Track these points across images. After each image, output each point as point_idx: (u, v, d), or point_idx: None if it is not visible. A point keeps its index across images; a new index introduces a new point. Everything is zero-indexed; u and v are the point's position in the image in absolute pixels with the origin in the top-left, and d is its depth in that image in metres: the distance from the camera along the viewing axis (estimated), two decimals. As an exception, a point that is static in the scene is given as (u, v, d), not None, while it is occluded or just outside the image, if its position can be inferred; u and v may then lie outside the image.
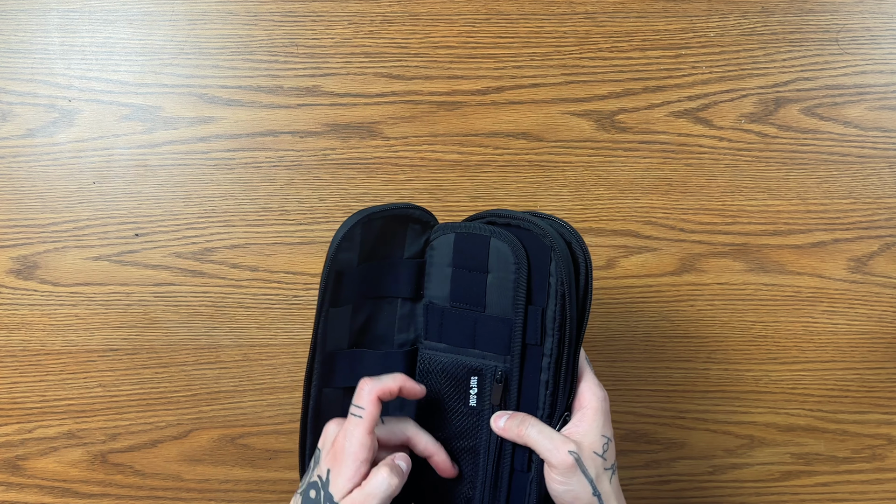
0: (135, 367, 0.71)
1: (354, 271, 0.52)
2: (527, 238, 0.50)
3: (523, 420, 0.50)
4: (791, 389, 0.73)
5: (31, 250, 0.70)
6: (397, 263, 0.53)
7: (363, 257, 0.52)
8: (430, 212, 0.53)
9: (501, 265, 0.50)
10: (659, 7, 0.72)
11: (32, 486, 0.71)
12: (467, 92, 0.71)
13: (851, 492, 0.74)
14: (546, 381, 0.50)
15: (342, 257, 0.51)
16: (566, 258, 0.49)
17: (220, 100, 0.70)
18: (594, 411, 0.49)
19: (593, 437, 0.49)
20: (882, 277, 0.73)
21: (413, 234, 0.53)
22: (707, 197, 0.72)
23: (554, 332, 0.50)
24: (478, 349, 0.52)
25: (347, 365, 0.53)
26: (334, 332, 0.52)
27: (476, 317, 0.51)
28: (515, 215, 0.51)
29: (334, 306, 0.51)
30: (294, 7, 0.70)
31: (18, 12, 0.70)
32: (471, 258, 0.51)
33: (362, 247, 0.51)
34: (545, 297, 0.50)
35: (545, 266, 0.49)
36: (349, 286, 0.52)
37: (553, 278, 0.49)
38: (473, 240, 0.51)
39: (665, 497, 0.73)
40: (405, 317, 0.54)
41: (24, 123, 0.70)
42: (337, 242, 0.50)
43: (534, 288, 0.50)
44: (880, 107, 0.72)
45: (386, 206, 0.52)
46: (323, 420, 0.53)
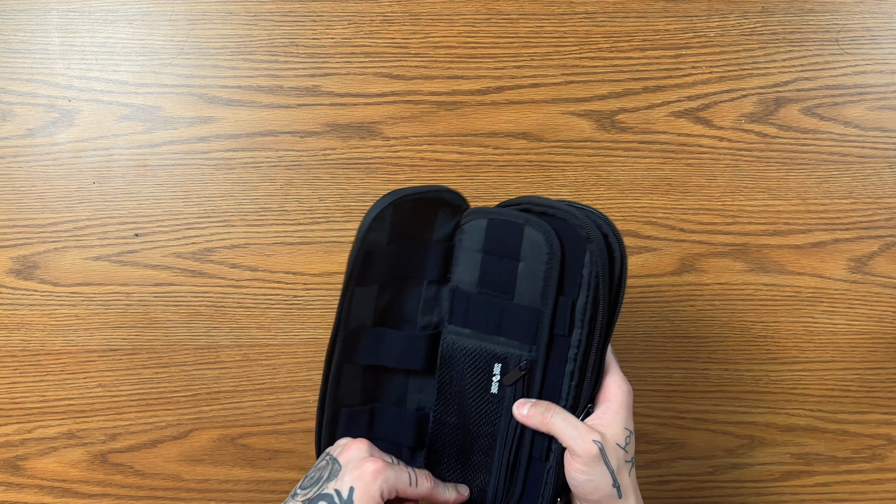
0: (135, 367, 0.71)
1: (384, 251, 0.52)
2: (562, 228, 0.49)
3: (548, 408, 0.50)
4: (791, 389, 0.73)
5: (31, 250, 0.70)
6: (426, 245, 0.53)
7: (392, 237, 0.52)
8: (462, 195, 0.53)
9: (534, 254, 0.50)
10: (659, 7, 0.72)
11: (32, 486, 0.71)
12: (467, 92, 0.71)
13: (851, 492, 0.74)
14: (571, 372, 0.50)
15: (372, 237, 0.51)
16: (602, 250, 0.49)
17: (220, 100, 0.70)
18: (619, 404, 0.50)
19: (617, 428, 0.49)
20: (882, 277, 0.73)
21: (444, 216, 0.53)
22: (707, 197, 0.72)
23: (584, 324, 0.49)
24: (503, 337, 0.51)
25: (370, 342, 0.53)
26: (359, 309, 0.52)
27: (504, 304, 0.51)
28: (552, 204, 0.50)
29: (360, 285, 0.51)
30: (294, 7, 0.70)
31: (18, 12, 0.70)
32: (502, 245, 0.51)
33: (392, 227, 0.51)
34: (577, 288, 0.49)
35: (579, 257, 0.49)
36: (377, 266, 0.52)
37: (586, 269, 0.49)
38: (506, 226, 0.51)
39: (665, 497, 0.73)
40: (430, 299, 0.55)
41: (24, 123, 0.70)
42: (368, 222, 0.50)
43: (566, 279, 0.50)
44: (880, 107, 0.72)
45: (419, 189, 0.52)
46: (342, 397, 0.53)
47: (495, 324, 0.51)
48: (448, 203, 0.53)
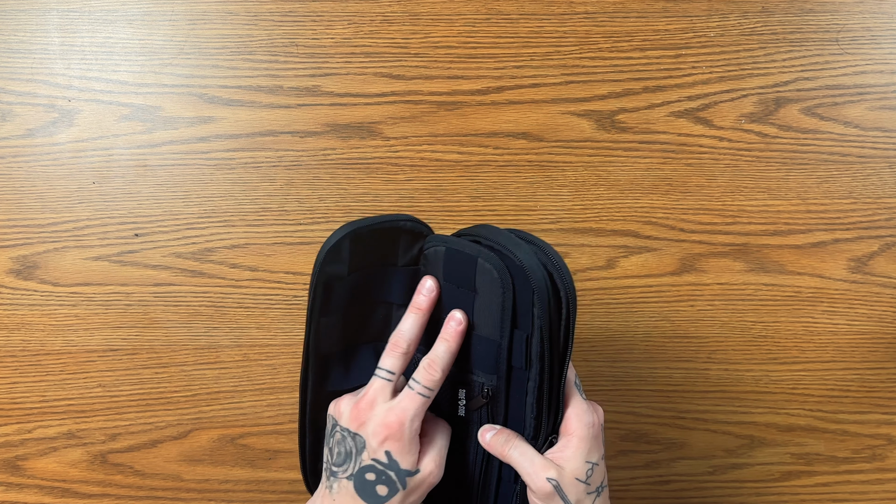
0: (135, 367, 0.71)
1: (345, 281, 0.51)
2: (510, 264, 0.48)
3: (508, 439, 0.50)
4: (791, 389, 0.73)
5: (31, 250, 0.70)
6: (390, 272, 0.53)
7: (353, 267, 0.51)
8: (421, 221, 0.52)
9: (488, 287, 0.49)
10: (659, 7, 0.72)
11: (32, 486, 0.71)
12: (467, 92, 0.71)
13: (851, 492, 0.74)
14: (532, 404, 0.50)
15: (329, 269, 0.50)
16: (543, 292, 0.47)
17: (220, 100, 0.70)
18: (579, 439, 0.49)
19: (576, 463, 0.48)
20: (882, 277, 0.73)
21: (405, 243, 0.53)
22: (707, 197, 0.72)
23: (537, 359, 0.49)
24: (469, 364, 0.51)
25: (342, 366, 0.53)
26: (328, 338, 0.52)
27: (468, 333, 0.51)
28: (499, 240, 0.49)
29: (325, 316, 0.51)
30: (294, 7, 0.70)
31: (18, 12, 0.70)
32: (460, 275, 0.50)
33: (352, 258, 0.51)
34: (529, 323, 0.48)
35: (528, 294, 0.48)
36: (339, 295, 0.51)
37: (535, 308, 0.48)
38: (462, 257, 0.50)
39: (665, 497, 0.73)
40: (399, 321, 0.54)
41: (24, 123, 0.70)
42: (323, 255, 0.49)
43: (519, 313, 0.49)
44: (881, 107, 0.72)
45: (374, 220, 0.51)
46: (321, 423, 0.53)
47: (462, 351, 0.51)
48: (408, 231, 0.52)
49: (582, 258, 0.72)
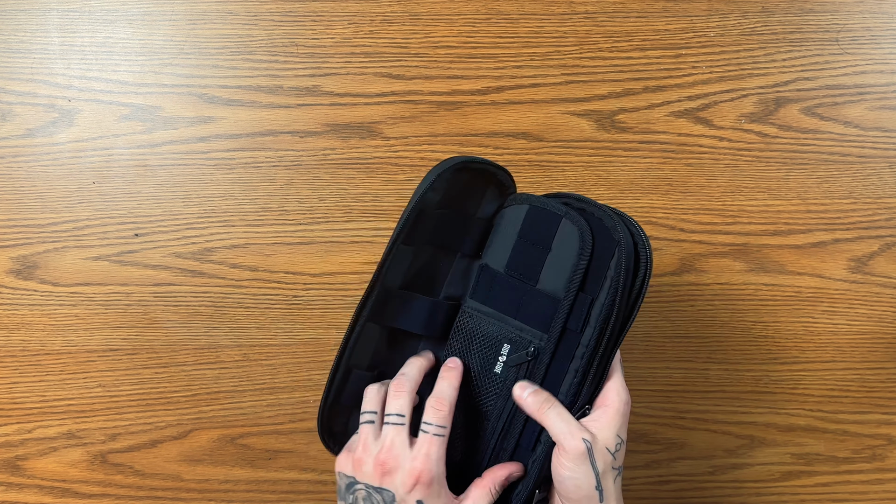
0: (135, 367, 0.71)
1: (432, 214, 0.53)
2: (597, 227, 0.50)
3: (548, 399, 0.50)
4: (791, 389, 0.73)
5: (31, 250, 0.70)
6: (470, 220, 0.55)
7: (443, 203, 0.53)
8: (513, 179, 0.55)
9: (565, 246, 0.51)
10: (659, 7, 0.72)
11: (32, 486, 0.71)
12: (467, 92, 0.71)
13: (852, 492, 0.74)
14: (576, 370, 0.51)
15: (428, 196, 0.52)
16: (629, 256, 0.50)
17: (220, 100, 0.70)
18: (615, 411, 0.50)
19: (609, 433, 0.49)
20: (882, 277, 0.73)
21: (491, 195, 0.55)
22: (707, 197, 0.72)
23: (597, 325, 0.50)
24: (519, 320, 0.52)
25: (398, 304, 0.54)
26: (394, 270, 0.53)
27: (526, 289, 0.52)
28: (592, 203, 0.51)
29: (405, 244, 0.52)
30: (294, 7, 0.70)
31: (18, 12, 0.70)
32: (538, 232, 0.52)
33: (446, 192, 0.53)
34: (598, 288, 0.50)
35: (607, 259, 0.50)
36: (422, 228, 0.53)
37: (611, 272, 0.50)
38: (546, 216, 0.52)
39: (665, 497, 0.73)
40: (459, 272, 0.55)
41: (24, 123, 0.70)
42: (430, 182, 0.51)
43: (589, 277, 0.50)
44: (881, 107, 0.72)
45: (481, 160, 0.53)
46: (356, 357, 0.53)
47: (514, 306, 0.52)
48: (500, 183, 0.54)
49: (582, 258, 0.72)
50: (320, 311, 0.71)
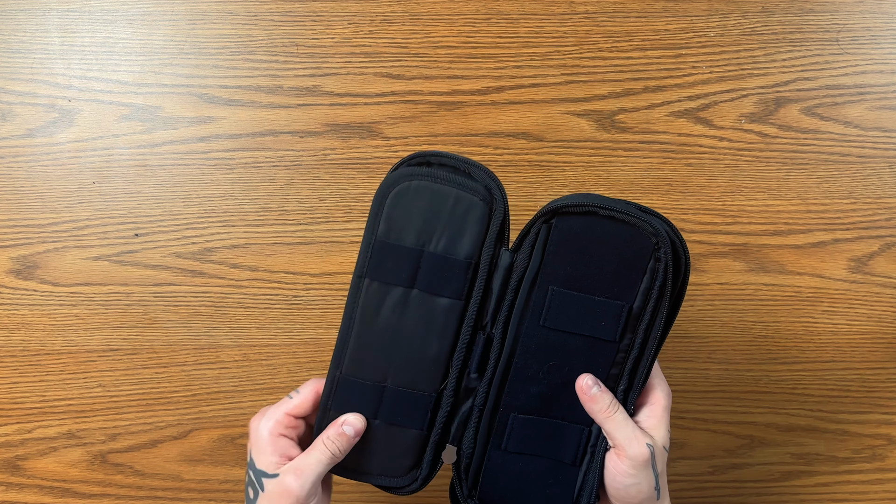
0: (135, 367, 0.71)
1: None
2: (631, 234, 0.49)
3: (615, 401, 0.49)
4: (791, 389, 0.73)
5: (31, 250, 0.70)
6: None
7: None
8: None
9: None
10: (659, 7, 0.72)
11: (32, 486, 0.71)
12: (467, 92, 0.71)
13: (852, 492, 0.74)
14: (617, 376, 0.50)
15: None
16: (669, 259, 0.48)
17: (220, 100, 0.70)
18: (663, 408, 0.50)
19: (662, 432, 0.49)
20: (882, 277, 0.73)
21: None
22: (707, 197, 0.72)
23: (639, 331, 0.49)
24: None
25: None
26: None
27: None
28: (621, 209, 0.49)
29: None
30: (294, 7, 0.70)
31: (18, 12, 0.70)
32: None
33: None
34: (633, 294, 0.49)
35: (643, 264, 0.49)
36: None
37: (647, 276, 0.49)
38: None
39: (665, 497, 0.74)
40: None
41: (24, 123, 0.70)
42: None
43: (626, 281, 0.49)
44: (881, 107, 0.72)
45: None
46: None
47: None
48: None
49: (582, 258, 0.72)
50: (320, 311, 0.71)
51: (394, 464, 0.53)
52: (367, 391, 0.52)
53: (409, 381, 0.52)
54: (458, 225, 0.50)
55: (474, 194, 0.50)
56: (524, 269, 0.50)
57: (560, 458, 0.51)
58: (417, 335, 0.51)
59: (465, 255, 0.50)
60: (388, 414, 0.52)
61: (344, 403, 0.52)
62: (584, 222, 0.49)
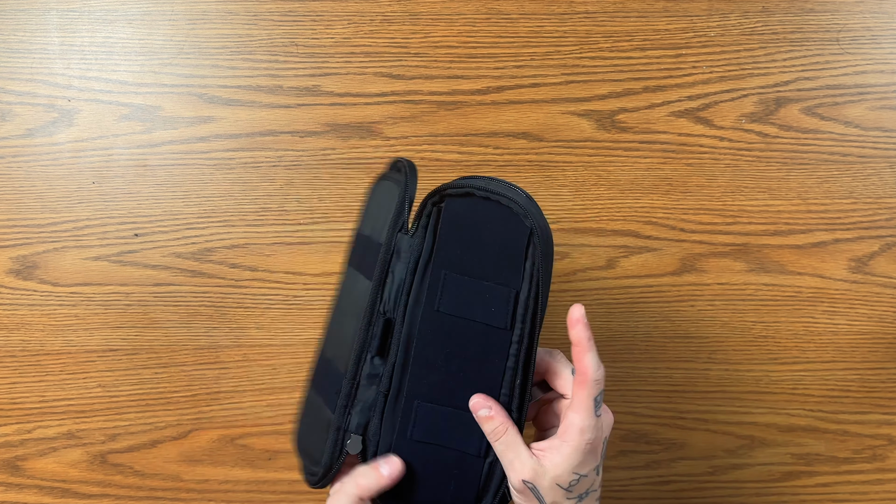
0: (134, 368, 0.71)
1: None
2: (504, 215, 0.49)
3: (504, 422, 0.48)
4: (792, 390, 0.73)
5: (31, 250, 0.70)
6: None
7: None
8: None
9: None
10: (659, 7, 0.72)
11: (32, 486, 0.71)
12: (467, 92, 0.71)
13: (852, 492, 0.74)
14: (512, 368, 0.49)
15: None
16: (548, 240, 0.49)
17: (220, 100, 0.70)
18: (572, 449, 0.47)
19: (561, 471, 0.47)
20: (883, 277, 0.73)
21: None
22: (707, 197, 0.72)
23: (525, 320, 0.49)
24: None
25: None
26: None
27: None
28: (491, 188, 0.49)
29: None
30: (294, 7, 0.70)
31: (18, 12, 0.70)
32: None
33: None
34: (519, 280, 0.49)
35: (521, 247, 0.48)
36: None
37: (528, 261, 0.48)
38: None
39: (665, 497, 0.73)
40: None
41: (24, 123, 0.70)
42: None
43: (507, 267, 0.49)
44: (881, 107, 0.72)
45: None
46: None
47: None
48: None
49: (582, 258, 0.72)
50: (320, 311, 0.71)
51: (318, 447, 0.53)
52: (320, 366, 0.56)
53: (337, 359, 0.53)
54: (385, 208, 0.53)
55: (395, 181, 0.54)
56: (419, 251, 0.50)
57: (465, 448, 0.50)
58: (347, 315, 0.54)
59: (382, 237, 0.52)
60: (322, 391, 0.54)
61: (315, 379, 0.56)
62: (468, 204, 0.50)
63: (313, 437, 0.53)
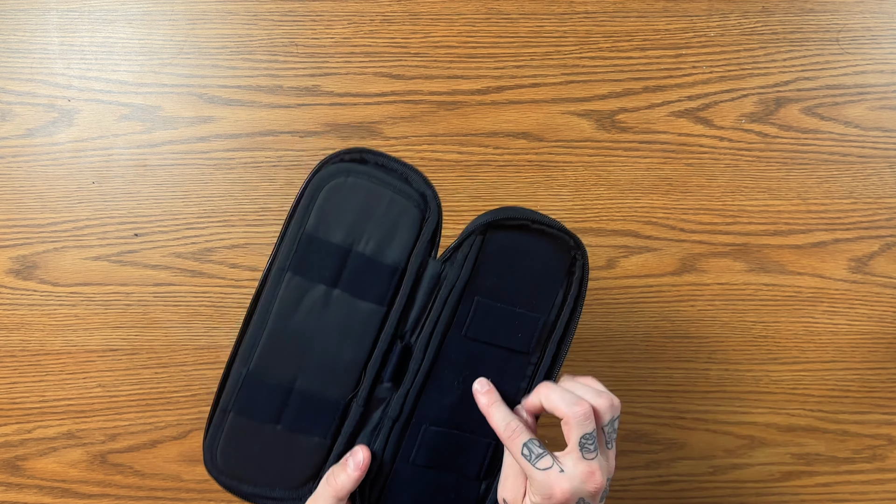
0: (134, 367, 0.71)
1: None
2: (550, 246, 0.50)
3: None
4: (791, 390, 0.73)
5: (31, 250, 0.70)
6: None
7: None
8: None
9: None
10: (659, 7, 0.72)
11: (32, 486, 0.71)
12: (467, 92, 0.71)
13: (852, 492, 0.74)
14: (526, 389, 0.51)
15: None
16: (586, 270, 0.50)
17: (220, 100, 0.70)
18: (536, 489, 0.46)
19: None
20: (883, 277, 0.73)
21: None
22: (707, 197, 0.72)
23: (550, 343, 0.51)
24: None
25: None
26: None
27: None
28: (545, 222, 0.50)
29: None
30: (294, 7, 0.70)
31: (18, 12, 0.70)
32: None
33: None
34: (550, 306, 0.51)
35: (561, 275, 0.51)
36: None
37: (562, 289, 0.51)
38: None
39: (665, 497, 0.73)
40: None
41: (24, 123, 0.70)
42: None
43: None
44: (881, 107, 0.72)
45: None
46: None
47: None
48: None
49: (582, 258, 0.72)
50: (320, 311, 0.71)
51: (291, 474, 0.51)
52: (273, 393, 0.49)
53: (320, 386, 0.50)
54: (390, 228, 0.49)
55: (409, 199, 0.50)
56: (454, 281, 0.50)
57: (465, 472, 0.51)
58: (334, 338, 0.50)
59: (393, 260, 0.49)
60: (292, 419, 0.50)
61: (247, 405, 0.49)
62: (515, 236, 0.50)
63: (284, 464, 0.51)
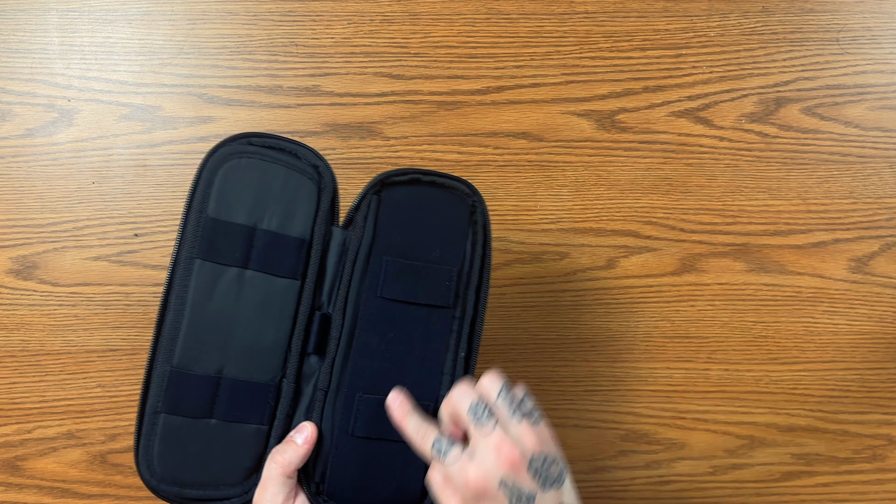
0: (134, 367, 0.71)
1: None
2: (446, 197, 0.52)
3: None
4: (791, 390, 0.73)
5: (31, 250, 0.70)
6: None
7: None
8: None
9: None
10: (659, 7, 0.72)
11: (32, 486, 0.71)
12: (467, 92, 0.71)
13: (852, 492, 0.74)
14: (455, 345, 0.51)
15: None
16: (487, 218, 0.53)
17: (220, 99, 0.70)
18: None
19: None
20: (883, 277, 0.73)
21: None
22: (707, 197, 0.72)
23: (469, 294, 0.52)
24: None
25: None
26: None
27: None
28: (437, 173, 0.52)
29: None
30: (294, 7, 0.70)
31: (17, 12, 0.70)
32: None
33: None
34: (460, 257, 0.52)
35: (463, 225, 0.52)
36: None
37: (469, 239, 0.53)
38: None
39: (665, 497, 0.73)
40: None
41: (24, 123, 0.70)
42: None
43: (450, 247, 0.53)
44: (881, 107, 0.72)
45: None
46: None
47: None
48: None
49: (582, 258, 0.72)
50: (320, 311, 0.71)
51: (235, 468, 0.49)
52: (201, 385, 0.48)
53: (248, 371, 0.49)
54: (290, 203, 0.50)
55: (302, 173, 0.51)
56: (358, 242, 0.51)
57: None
58: (254, 319, 0.49)
59: (299, 232, 0.50)
60: (225, 410, 0.48)
61: (177, 403, 0.48)
62: (410, 191, 0.52)
63: (224, 459, 0.49)
